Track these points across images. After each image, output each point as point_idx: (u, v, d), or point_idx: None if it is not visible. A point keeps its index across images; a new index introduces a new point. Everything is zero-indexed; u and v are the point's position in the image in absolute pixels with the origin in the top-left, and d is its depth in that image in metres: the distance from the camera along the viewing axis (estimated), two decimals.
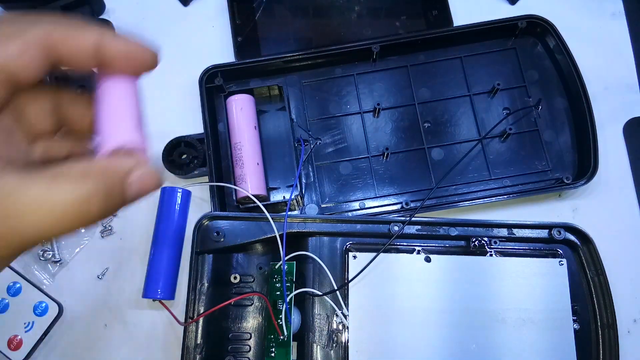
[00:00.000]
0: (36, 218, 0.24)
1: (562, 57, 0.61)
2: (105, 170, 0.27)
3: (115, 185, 0.27)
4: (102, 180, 0.26)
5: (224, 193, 0.57)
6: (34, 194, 0.24)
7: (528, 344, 0.49)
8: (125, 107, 0.32)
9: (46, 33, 0.27)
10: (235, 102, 0.57)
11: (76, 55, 0.28)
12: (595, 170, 0.56)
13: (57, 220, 0.24)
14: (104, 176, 0.26)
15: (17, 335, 0.55)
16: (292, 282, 0.51)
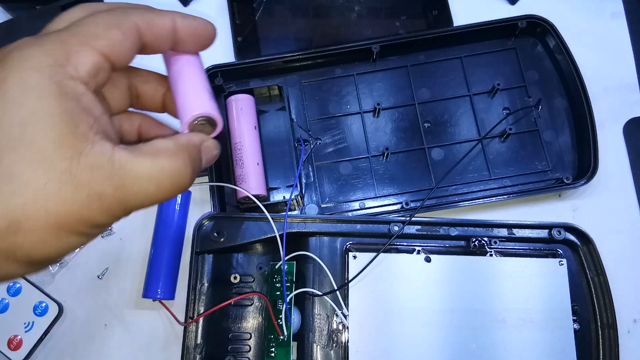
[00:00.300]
0: (142, 188, 0.28)
1: (562, 57, 0.61)
2: (188, 145, 0.31)
3: (196, 157, 0.32)
4: (187, 155, 0.31)
5: (224, 193, 0.57)
6: (142, 168, 0.28)
7: (528, 344, 0.49)
8: (200, 82, 0.36)
9: (136, 22, 0.30)
10: (235, 102, 0.57)
11: (158, 39, 0.32)
12: (595, 170, 0.56)
13: (157, 192, 0.29)
14: (189, 150, 0.31)
15: (17, 335, 0.55)
16: (292, 282, 0.51)
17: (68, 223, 0.26)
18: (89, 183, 0.26)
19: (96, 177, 0.26)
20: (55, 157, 0.26)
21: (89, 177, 0.26)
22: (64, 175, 0.26)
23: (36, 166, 0.25)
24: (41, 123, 0.26)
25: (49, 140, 0.26)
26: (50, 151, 0.26)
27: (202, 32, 0.35)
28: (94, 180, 0.26)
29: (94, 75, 0.29)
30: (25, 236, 0.26)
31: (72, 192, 0.26)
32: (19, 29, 0.61)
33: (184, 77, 0.36)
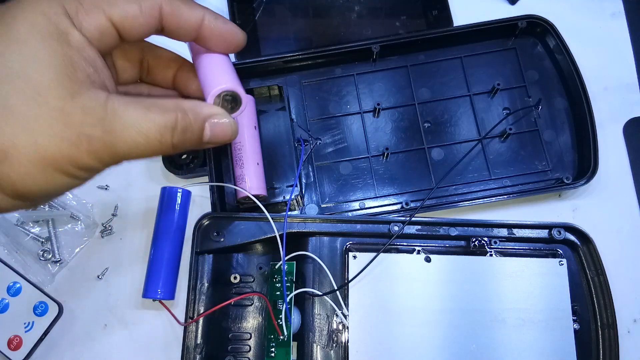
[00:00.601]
0: (130, 137, 0.29)
1: (562, 57, 0.61)
2: (189, 109, 0.32)
3: (194, 123, 0.32)
4: (183, 117, 0.31)
5: (224, 193, 0.57)
6: (133, 116, 0.29)
7: (528, 344, 0.49)
8: (226, 63, 0.38)
9: (161, 4, 0.32)
10: None
11: (180, 29, 0.34)
12: (595, 170, 0.56)
13: (144, 143, 0.29)
14: (186, 113, 0.32)
15: (17, 335, 0.55)
16: (292, 282, 0.51)
17: (55, 159, 0.27)
18: (80, 123, 0.27)
19: (87, 118, 0.27)
20: (50, 94, 0.27)
21: (80, 118, 0.27)
22: (56, 112, 0.27)
23: (31, 101, 0.26)
24: (41, 62, 0.27)
25: (46, 78, 0.27)
26: (46, 89, 0.27)
27: (229, 36, 0.36)
28: (84, 122, 0.27)
29: (99, 38, 0.30)
30: (12, 166, 0.26)
31: (62, 129, 0.27)
32: None
33: (211, 57, 0.38)
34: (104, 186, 0.60)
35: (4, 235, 0.58)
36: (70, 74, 0.28)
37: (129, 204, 0.60)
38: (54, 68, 0.27)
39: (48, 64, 0.27)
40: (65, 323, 0.57)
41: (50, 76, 0.27)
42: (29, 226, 0.59)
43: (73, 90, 0.27)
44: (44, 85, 0.27)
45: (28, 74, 0.26)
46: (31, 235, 0.58)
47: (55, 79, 0.27)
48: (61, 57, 0.27)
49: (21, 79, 0.26)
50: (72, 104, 0.27)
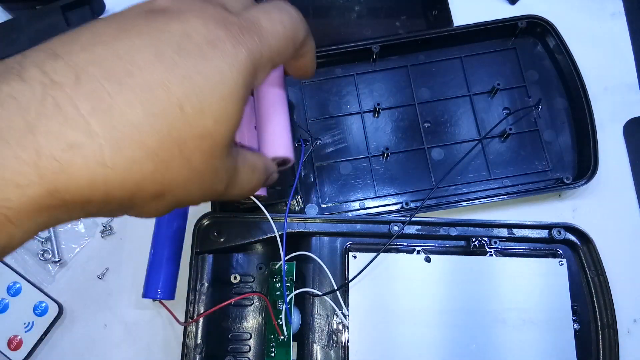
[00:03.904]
0: (241, 189, 0.34)
1: (562, 57, 0.61)
2: (269, 167, 0.39)
3: (269, 178, 0.39)
4: (266, 174, 0.38)
5: None
6: (245, 174, 0.34)
7: (528, 344, 0.49)
8: (285, 121, 0.44)
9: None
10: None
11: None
12: (595, 170, 0.56)
13: (249, 192, 0.36)
14: (268, 171, 0.38)
15: (17, 335, 0.55)
16: (292, 282, 0.51)
17: None
18: (211, 183, 0.30)
19: (221, 178, 0.31)
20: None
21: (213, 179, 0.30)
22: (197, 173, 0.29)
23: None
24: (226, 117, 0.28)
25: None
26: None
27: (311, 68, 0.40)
28: (216, 180, 0.30)
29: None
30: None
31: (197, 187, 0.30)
32: (19, 29, 0.61)
33: (272, 114, 0.43)
34: None
35: None
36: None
37: None
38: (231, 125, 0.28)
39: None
40: (65, 323, 0.57)
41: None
42: None
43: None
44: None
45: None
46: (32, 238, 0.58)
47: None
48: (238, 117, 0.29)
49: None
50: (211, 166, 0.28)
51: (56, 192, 0.22)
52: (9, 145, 0.21)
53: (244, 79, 0.28)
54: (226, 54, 0.27)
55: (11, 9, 0.65)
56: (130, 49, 0.24)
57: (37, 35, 0.61)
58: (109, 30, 0.25)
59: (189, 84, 0.25)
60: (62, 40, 0.24)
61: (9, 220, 0.21)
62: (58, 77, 0.22)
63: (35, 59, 0.23)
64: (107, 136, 0.23)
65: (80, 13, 0.63)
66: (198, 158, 0.27)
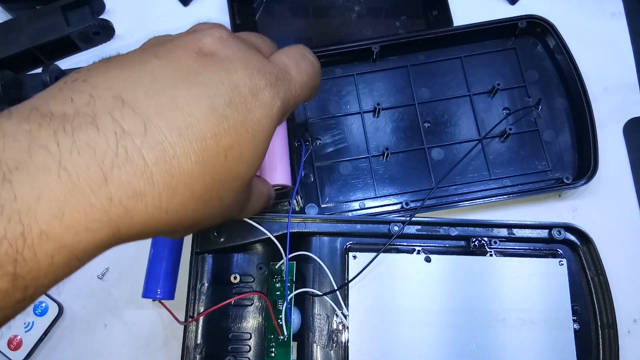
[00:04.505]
0: (251, 210, 0.40)
1: (562, 57, 0.61)
2: (271, 192, 0.45)
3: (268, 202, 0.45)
4: (269, 199, 0.44)
5: None
6: (255, 200, 0.40)
7: (528, 344, 0.49)
8: (285, 154, 0.51)
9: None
10: None
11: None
12: (595, 170, 0.56)
13: (255, 212, 0.41)
14: (270, 196, 0.45)
15: (17, 335, 0.55)
16: (292, 282, 0.51)
17: None
18: (229, 211, 0.33)
19: (235, 206, 0.34)
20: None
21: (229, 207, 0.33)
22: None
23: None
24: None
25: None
26: None
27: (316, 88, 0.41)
28: (233, 209, 0.34)
29: None
30: None
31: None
32: (19, 29, 0.61)
33: (274, 149, 0.50)
34: None
35: None
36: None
37: None
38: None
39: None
40: (65, 323, 0.57)
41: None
42: None
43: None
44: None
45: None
46: None
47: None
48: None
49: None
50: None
51: (118, 233, 0.25)
52: (86, 194, 0.23)
53: (275, 126, 0.31)
54: (265, 105, 0.30)
55: (11, 9, 0.65)
56: (189, 100, 0.27)
57: (37, 35, 0.61)
58: (167, 73, 0.27)
59: (234, 134, 0.28)
60: (123, 79, 0.26)
61: (76, 258, 0.24)
62: (128, 126, 0.24)
63: (105, 104, 0.25)
64: (166, 184, 0.25)
65: (80, 13, 0.63)
66: (229, 196, 0.30)
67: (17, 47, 0.61)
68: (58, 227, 0.22)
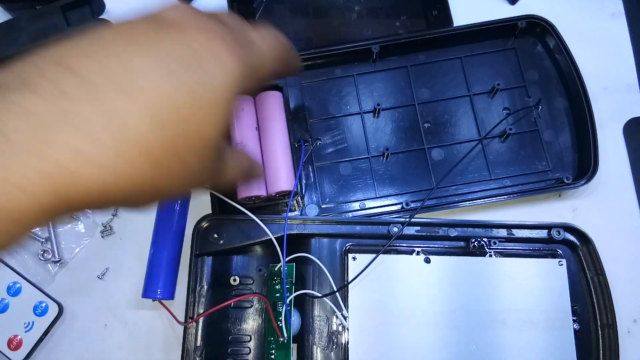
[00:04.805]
0: (228, 179, 0.37)
1: (562, 57, 0.61)
2: (254, 167, 0.43)
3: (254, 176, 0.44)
4: (250, 173, 0.42)
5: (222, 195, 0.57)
6: (232, 171, 0.37)
7: (528, 345, 0.49)
8: (287, 160, 0.53)
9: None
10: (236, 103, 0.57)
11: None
12: (595, 170, 0.56)
13: (234, 182, 0.43)
14: (253, 170, 0.43)
15: (17, 335, 0.55)
16: (291, 284, 0.51)
17: None
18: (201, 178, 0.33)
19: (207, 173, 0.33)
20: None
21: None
22: None
23: None
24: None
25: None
26: None
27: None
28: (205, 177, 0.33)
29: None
30: None
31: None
32: (19, 29, 0.61)
33: (275, 153, 0.53)
34: None
35: None
36: None
37: None
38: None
39: None
40: (65, 323, 0.57)
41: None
42: None
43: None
44: None
45: None
46: (31, 235, 0.58)
47: None
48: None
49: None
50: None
51: (67, 198, 0.24)
52: (20, 154, 0.22)
53: (235, 87, 0.30)
54: (225, 67, 0.29)
55: (11, 9, 0.65)
56: (142, 64, 0.26)
57: (37, 35, 0.61)
58: (118, 39, 0.27)
59: (189, 94, 0.27)
60: (70, 49, 0.26)
61: (13, 221, 0.23)
62: (67, 87, 0.24)
63: (47, 70, 0.24)
64: (114, 145, 0.24)
65: (80, 13, 0.63)
66: (193, 159, 0.29)
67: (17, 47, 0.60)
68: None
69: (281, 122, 0.56)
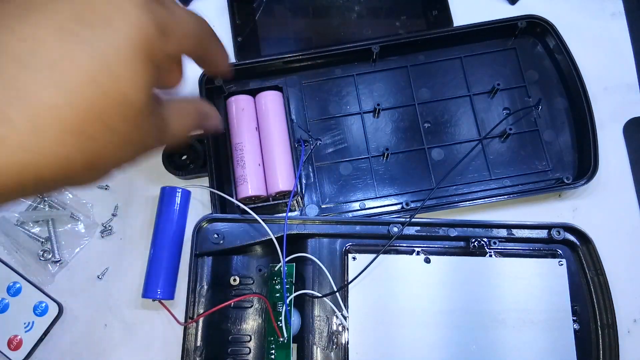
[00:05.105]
0: (177, 132, 0.35)
1: (562, 57, 0.61)
2: (202, 109, 0.40)
3: (207, 119, 0.40)
4: (199, 116, 0.39)
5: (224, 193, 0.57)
6: (176, 122, 0.35)
7: (528, 345, 0.49)
8: (288, 161, 0.54)
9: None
10: (236, 103, 0.57)
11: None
12: (595, 170, 0.56)
13: (185, 133, 0.37)
14: (202, 114, 0.39)
15: (17, 335, 0.55)
16: (291, 284, 0.51)
17: None
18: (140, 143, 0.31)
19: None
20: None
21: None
22: None
23: None
24: None
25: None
26: None
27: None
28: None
29: None
30: None
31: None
32: None
33: (275, 154, 0.54)
34: (104, 186, 0.60)
35: (4, 235, 0.58)
36: None
37: (129, 204, 0.60)
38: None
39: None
40: (65, 323, 0.57)
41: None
42: (29, 226, 0.59)
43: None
44: None
45: None
46: (31, 235, 0.58)
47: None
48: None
49: None
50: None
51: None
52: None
53: (151, 42, 0.28)
54: (130, 16, 0.27)
55: None
56: (32, 29, 0.24)
57: None
58: (10, 10, 0.25)
59: (95, 53, 0.25)
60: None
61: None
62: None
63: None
64: (25, 122, 0.23)
65: None
66: (121, 124, 0.27)
67: None
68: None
69: (281, 122, 0.56)
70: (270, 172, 0.53)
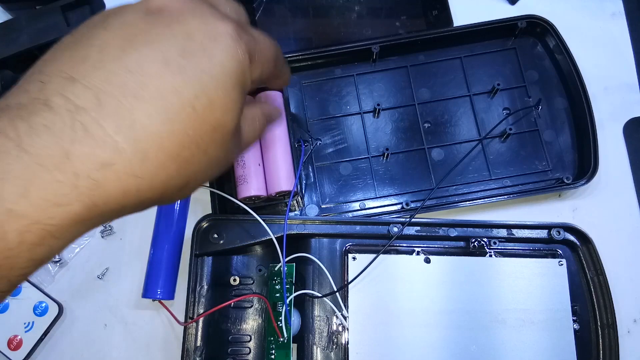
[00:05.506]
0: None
1: (562, 57, 0.61)
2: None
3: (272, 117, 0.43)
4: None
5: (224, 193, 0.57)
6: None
7: (528, 345, 0.49)
8: (288, 161, 0.53)
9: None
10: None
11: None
12: (595, 170, 0.56)
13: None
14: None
15: (17, 335, 0.55)
16: (291, 284, 0.51)
17: None
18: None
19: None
20: None
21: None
22: None
23: None
24: None
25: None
26: None
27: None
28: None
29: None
30: None
31: None
32: (19, 29, 0.61)
33: (276, 153, 0.53)
34: None
35: None
36: None
37: None
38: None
39: None
40: (65, 323, 0.57)
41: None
42: None
43: None
44: None
45: None
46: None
47: None
48: None
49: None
50: None
51: (94, 207, 0.24)
52: (50, 171, 0.23)
53: (243, 70, 0.30)
54: (227, 47, 0.29)
55: (11, 9, 0.65)
56: (139, 61, 0.26)
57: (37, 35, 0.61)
58: (114, 42, 0.26)
59: (197, 83, 0.27)
60: (72, 59, 0.26)
61: (51, 235, 0.23)
62: (81, 101, 0.24)
63: (56, 86, 0.24)
64: (133, 150, 0.25)
65: (80, 13, 0.63)
66: (213, 147, 0.29)
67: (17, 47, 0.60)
68: (25, 204, 0.22)
69: (281, 122, 0.56)
70: (271, 172, 0.53)
